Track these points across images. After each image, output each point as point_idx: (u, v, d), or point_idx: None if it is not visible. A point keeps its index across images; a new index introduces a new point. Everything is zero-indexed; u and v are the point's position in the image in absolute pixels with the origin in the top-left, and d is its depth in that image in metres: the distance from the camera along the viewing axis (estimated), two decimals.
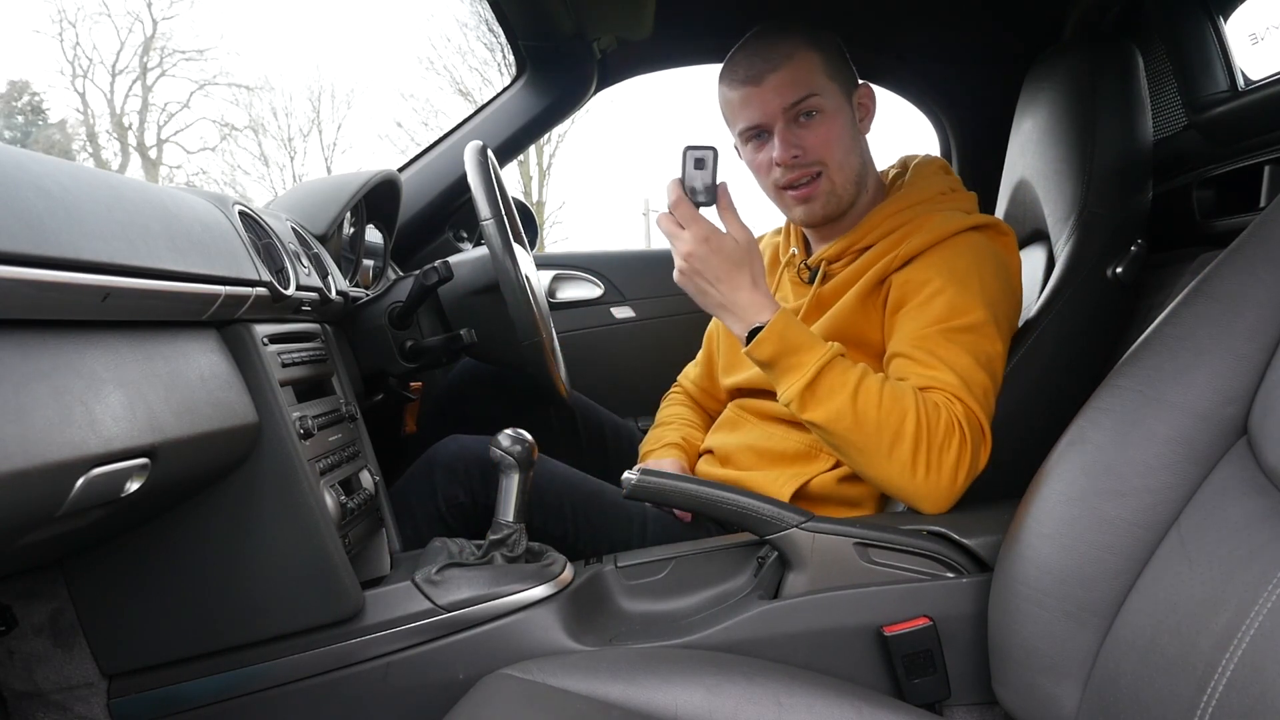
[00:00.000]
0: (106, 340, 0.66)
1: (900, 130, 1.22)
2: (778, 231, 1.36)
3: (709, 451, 1.29)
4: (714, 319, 1.37)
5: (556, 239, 14.91)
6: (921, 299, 1.07)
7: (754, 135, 1.16)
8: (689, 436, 1.34)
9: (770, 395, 1.21)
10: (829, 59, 1.14)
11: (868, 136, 1.21)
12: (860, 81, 1.20)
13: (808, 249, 1.27)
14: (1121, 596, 0.72)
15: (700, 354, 1.46)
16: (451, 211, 1.77)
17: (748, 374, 1.25)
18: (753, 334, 1.00)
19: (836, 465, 1.13)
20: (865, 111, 1.20)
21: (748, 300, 1.01)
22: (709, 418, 1.40)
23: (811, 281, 1.21)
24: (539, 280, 1.45)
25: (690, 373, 1.47)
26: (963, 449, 0.97)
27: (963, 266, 1.07)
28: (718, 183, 0.99)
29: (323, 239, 1.26)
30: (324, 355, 1.06)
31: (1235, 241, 0.75)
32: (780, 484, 1.12)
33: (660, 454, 1.30)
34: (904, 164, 1.26)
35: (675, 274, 1.02)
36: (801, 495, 1.12)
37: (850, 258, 1.17)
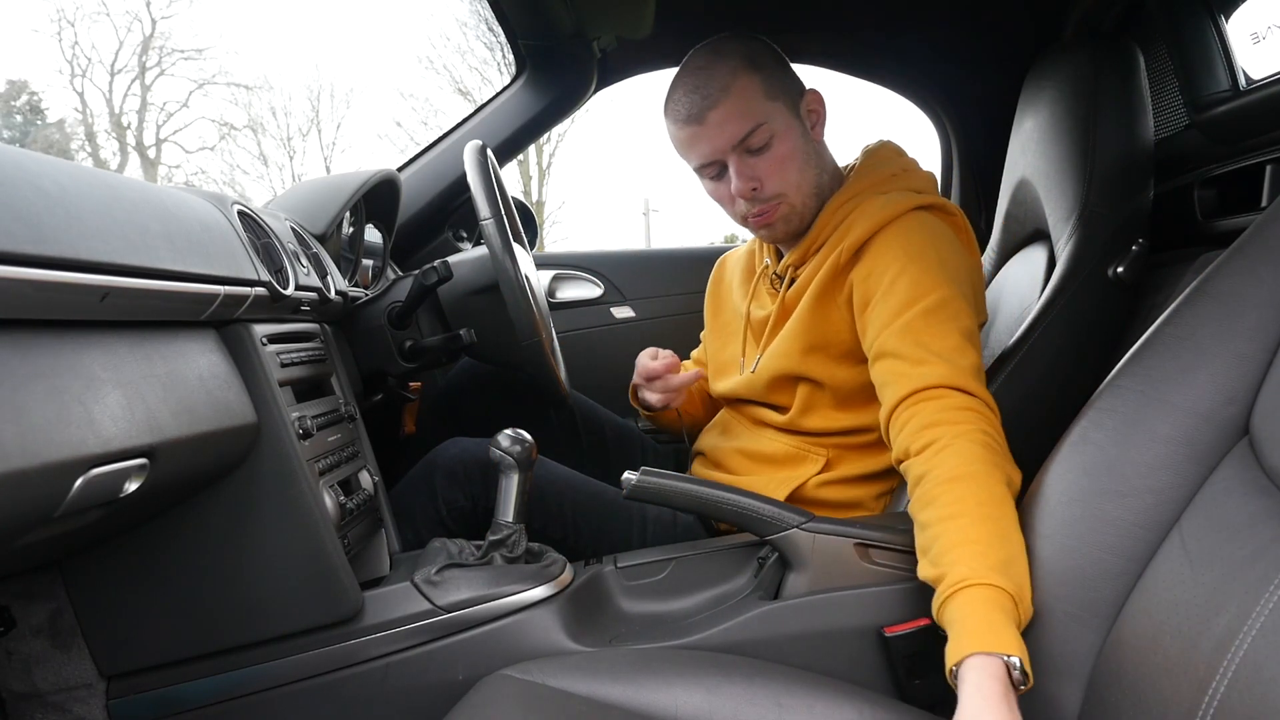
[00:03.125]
0: (105, 340, 0.65)
1: (901, 130, 1.21)
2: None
3: (701, 454, 1.29)
4: (707, 327, 1.37)
5: (556, 239, 14.92)
6: (884, 287, 1.03)
7: (710, 171, 1.12)
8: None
9: (759, 403, 1.21)
10: (768, 78, 1.09)
11: (825, 137, 1.17)
12: (809, 88, 1.14)
13: (779, 257, 1.24)
14: (1123, 597, 0.72)
15: (697, 351, 1.45)
16: (451, 211, 1.76)
17: (733, 382, 1.24)
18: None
19: (825, 469, 1.12)
20: (816, 118, 1.15)
21: None
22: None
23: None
24: (539, 280, 1.44)
25: (695, 354, 1.46)
26: (993, 426, 0.91)
27: (917, 244, 1.04)
28: None
29: (322, 239, 1.25)
30: (323, 355, 1.06)
31: (1237, 241, 0.75)
32: (772, 489, 1.11)
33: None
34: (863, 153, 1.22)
35: None
36: (794, 499, 1.11)
37: (809, 259, 1.15)
